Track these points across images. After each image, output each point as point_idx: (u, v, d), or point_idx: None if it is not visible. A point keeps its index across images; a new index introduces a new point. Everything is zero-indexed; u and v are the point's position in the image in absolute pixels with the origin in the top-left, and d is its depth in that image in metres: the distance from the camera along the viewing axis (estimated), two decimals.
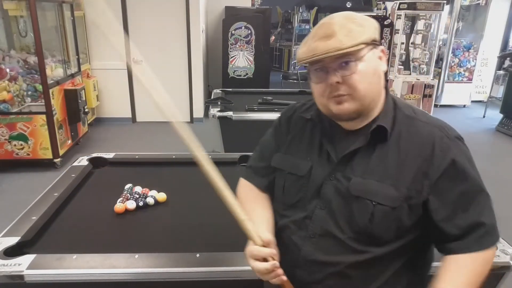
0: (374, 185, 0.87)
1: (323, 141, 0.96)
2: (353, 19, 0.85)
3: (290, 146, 1.02)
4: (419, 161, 0.86)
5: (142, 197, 1.71)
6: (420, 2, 5.84)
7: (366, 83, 0.86)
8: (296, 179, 0.97)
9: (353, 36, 0.82)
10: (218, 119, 3.31)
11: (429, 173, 0.85)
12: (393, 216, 0.86)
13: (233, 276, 1.24)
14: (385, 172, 0.87)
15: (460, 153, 0.87)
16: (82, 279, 1.22)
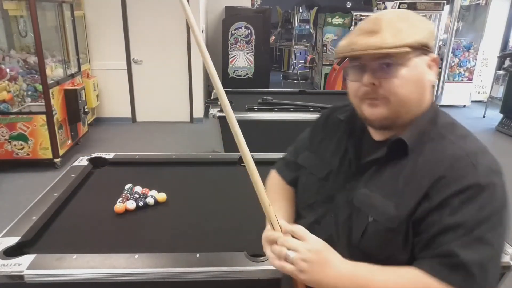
0: (378, 200, 0.81)
1: (349, 146, 0.91)
2: (406, 18, 0.78)
3: (319, 146, 1.00)
4: (429, 181, 0.75)
5: (142, 197, 1.71)
6: (420, 2, 5.85)
7: (405, 90, 0.78)
8: (315, 180, 0.95)
9: (401, 36, 0.75)
10: (218, 119, 3.32)
11: (433, 195, 0.75)
12: (388, 237, 0.79)
13: (233, 276, 1.24)
14: (392, 189, 0.80)
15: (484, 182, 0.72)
16: (82, 279, 1.22)
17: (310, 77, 9.06)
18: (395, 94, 0.78)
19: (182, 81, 5.77)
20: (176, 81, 5.76)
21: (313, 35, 9.57)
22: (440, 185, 0.74)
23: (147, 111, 5.86)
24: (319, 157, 0.97)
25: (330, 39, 7.72)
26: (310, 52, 9.31)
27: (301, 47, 10.01)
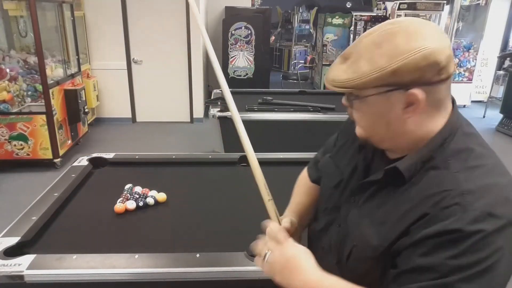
0: (365, 226, 0.77)
1: (361, 158, 0.85)
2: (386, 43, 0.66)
3: (338, 152, 0.95)
4: (413, 214, 0.68)
5: (142, 197, 1.71)
6: (420, 2, 5.85)
7: (367, 123, 0.75)
8: (328, 186, 0.92)
9: (360, 72, 0.68)
10: (218, 119, 3.32)
11: (412, 231, 0.68)
12: (367, 264, 0.76)
13: (233, 276, 1.25)
14: (380, 217, 0.74)
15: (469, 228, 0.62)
16: (82, 279, 1.22)
17: (310, 77, 9.06)
18: (359, 124, 0.77)
19: (182, 81, 5.77)
20: (176, 81, 5.76)
21: (313, 35, 9.57)
22: (422, 223, 0.67)
23: (147, 111, 5.86)
24: (335, 164, 0.93)
25: (330, 39, 7.73)
26: (310, 52, 9.32)
27: (301, 47, 10.01)
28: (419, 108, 0.68)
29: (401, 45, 0.65)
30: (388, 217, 0.72)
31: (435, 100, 0.69)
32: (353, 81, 0.68)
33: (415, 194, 0.70)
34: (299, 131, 3.44)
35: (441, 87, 0.69)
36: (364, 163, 0.84)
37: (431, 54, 0.64)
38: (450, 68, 0.67)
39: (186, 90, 5.82)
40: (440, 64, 0.65)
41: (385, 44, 0.66)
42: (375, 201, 0.77)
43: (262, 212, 0.91)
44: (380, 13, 6.75)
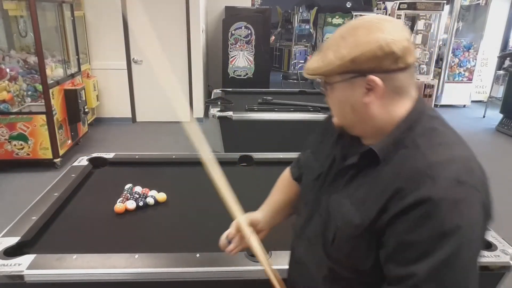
0: (346, 208, 0.81)
1: (337, 148, 0.92)
2: (349, 36, 0.76)
3: (318, 147, 1.01)
4: (390, 192, 0.73)
5: (142, 197, 1.71)
6: (420, 2, 5.85)
7: (337, 110, 0.85)
8: (310, 180, 0.97)
9: (326, 61, 0.77)
10: (218, 119, 3.32)
11: (390, 207, 0.73)
12: (352, 243, 0.80)
13: (233, 276, 1.24)
14: (359, 197, 0.80)
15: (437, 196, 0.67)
16: (82, 279, 1.22)
17: None
18: (333, 108, 0.85)
19: (182, 81, 5.77)
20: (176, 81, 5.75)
21: (313, 35, 9.57)
22: (397, 198, 0.72)
23: (147, 111, 5.86)
24: (316, 159, 0.99)
25: None
26: (310, 52, 9.31)
27: (301, 47, 10.00)
28: (378, 93, 0.76)
29: (361, 37, 0.74)
30: (367, 197, 0.78)
31: (395, 87, 0.77)
32: (321, 69, 0.79)
33: (389, 172, 0.76)
34: (299, 131, 3.43)
35: (400, 75, 0.76)
36: (341, 153, 0.89)
37: (387, 45, 0.72)
38: (408, 59, 0.75)
39: (186, 90, 5.82)
40: (396, 54, 0.73)
41: (348, 37, 0.76)
42: (354, 183, 0.82)
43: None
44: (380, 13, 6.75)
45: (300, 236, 0.97)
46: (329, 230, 0.85)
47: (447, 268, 0.67)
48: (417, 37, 6.39)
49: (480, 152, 4.41)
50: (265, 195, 1.22)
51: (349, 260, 0.81)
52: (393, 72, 0.75)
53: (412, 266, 0.69)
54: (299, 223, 0.99)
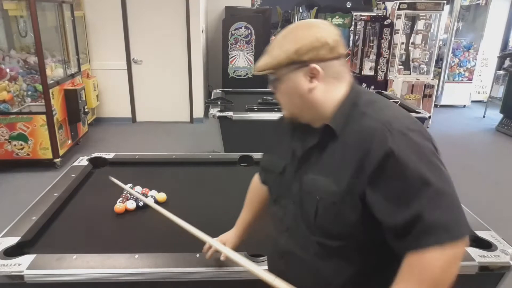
0: (320, 181, 0.91)
1: (294, 139, 1.02)
2: (290, 35, 0.91)
3: (275, 146, 1.11)
4: (358, 155, 0.84)
5: None
6: (420, 2, 5.84)
7: (286, 100, 0.96)
8: (275, 177, 1.05)
9: (274, 56, 0.91)
10: (218, 119, 3.32)
11: (365, 166, 0.82)
12: (334, 210, 0.88)
13: (233, 276, 1.25)
14: (330, 168, 0.90)
15: (401, 145, 0.80)
16: (82, 279, 1.22)
17: None
18: (282, 104, 0.97)
19: (182, 81, 5.77)
20: (176, 81, 5.76)
21: None
22: (368, 157, 0.82)
23: (147, 111, 5.86)
24: (276, 156, 1.07)
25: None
26: None
27: None
28: (320, 79, 0.90)
29: (300, 33, 0.90)
30: (337, 165, 0.88)
31: (333, 72, 0.91)
32: (270, 64, 0.91)
33: (350, 140, 0.87)
34: None
35: (335, 63, 0.91)
36: (299, 142, 0.99)
37: (322, 37, 0.88)
38: (340, 49, 0.91)
39: (186, 90, 5.82)
40: (330, 45, 0.88)
41: (289, 35, 0.91)
42: (320, 161, 0.92)
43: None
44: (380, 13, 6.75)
45: (281, 230, 1.02)
46: (309, 207, 0.92)
47: (438, 195, 0.78)
48: (417, 37, 6.38)
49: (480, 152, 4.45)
50: None
51: (335, 227, 0.89)
52: (329, 60, 0.90)
53: (412, 207, 0.78)
54: (276, 215, 1.05)
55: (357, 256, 0.90)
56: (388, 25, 5.73)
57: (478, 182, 4.05)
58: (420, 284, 0.77)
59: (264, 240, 1.13)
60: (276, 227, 1.05)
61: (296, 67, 0.89)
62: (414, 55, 6.36)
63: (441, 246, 0.76)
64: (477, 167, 4.42)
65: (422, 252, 0.77)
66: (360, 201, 0.84)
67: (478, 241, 1.41)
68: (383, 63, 5.87)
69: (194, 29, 5.54)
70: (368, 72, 6.08)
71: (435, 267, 0.77)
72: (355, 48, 6.43)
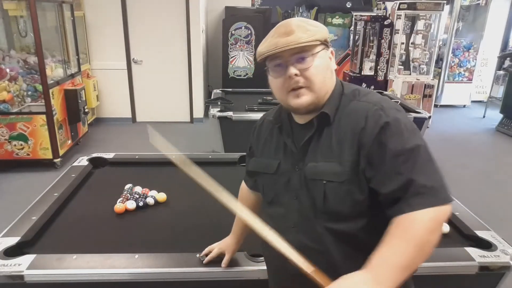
0: (323, 166, 0.95)
1: (284, 138, 1.04)
2: (308, 22, 0.97)
3: (263, 150, 1.11)
4: (356, 133, 0.91)
5: (142, 197, 1.71)
6: (420, 2, 5.84)
7: (321, 76, 0.95)
8: (269, 178, 1.07)
9: (310, 33, 0.93)
10: (218, 119, 3.32)
11: (364, 142, 0.90)
12: (343, 190, 0.92)
13: (233, 276, 1.25)
14: (330, 152, 0.94)
15: (391, 119, 0.89)
16: (82, 279, 1.22)
17: None
18: (313, 81, 0.94)
19: (182, 81, 5.77)
20: (176, 81, 5.76)
21: None
22: (365, 134, 0.90)
23: (147, 111, 5.86)
24: (266, 158, 1.09)
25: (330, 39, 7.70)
26: None
27: None
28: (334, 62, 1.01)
29: (317, 23, 0.99)
30: (336, 149, 0.93)
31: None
32: (307, 38, 0.92)
33: (345, 124, 0.94)
34: None
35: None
36: (290, 138, 1.02)
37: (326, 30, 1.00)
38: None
39: (186, 90, 5.82)
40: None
41: (310, 21, 0.97)
42: (319, 148, 0.97)
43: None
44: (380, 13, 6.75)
45: (285, 228, 1.01)
46: (316, 193, 0.95)
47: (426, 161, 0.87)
48: (417, 37, 6.38)
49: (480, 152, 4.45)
50: None
51: (344, 208, 0.93)
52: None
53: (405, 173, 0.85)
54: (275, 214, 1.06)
55: (366, 237, 0.93)
56: (388, 25, 5.72)
57: (478, 182, 4.05)
58: (406, 242, 0.80)
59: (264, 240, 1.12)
60: (278, 227, 1.03)
61: (323, 47, 0.96)
62: (414, 55, 6.36)
63: (428, 208, 0.82)
64: (477, 167, 4.42)
65: (409, 213, 0.82)
66: (364, 178, 0.90)
67: (478, 241, 1.41)
68: (383, 63, 5.87)
69: (194, 29, 5.54)
70: (368, 72, 6.08)
71: (420, 227, 0.81)
72: (355, 48, 6.42)
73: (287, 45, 0.91)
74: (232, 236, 1.30)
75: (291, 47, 0.91)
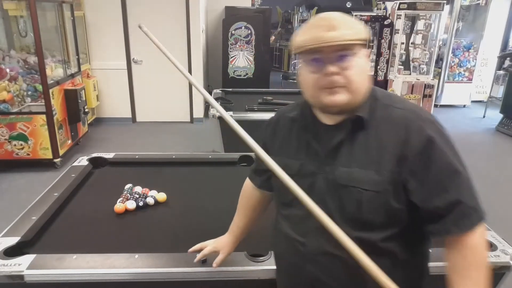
0: (358, 173, 0.91)
1: (308, 138, 1.00)
2: (350, 18, 0.92)
3: (281, 148, 1.06)
4: (397, 144, 0.89)
5: (142, 197, 1.71)
6: (420, 2, 5.84)
7: (359, 77, 0.90)
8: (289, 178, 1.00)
9: (355, 31, 0.88)
10: (218, 119, 3.31)
11: (407, 155, 0.88)
12: (379, 200, 0.89)
13: (233, 276, 1.25)
14: (367, 159, 0.91)
15: (435, 133, 0.88)
16: (82, 279, 1.22)
17: None
18: (353, 81, 0.89)
19: (182, 81, 5.77)
20: (176, 81, 5.75)
21: None
22: (408, 146, 0.88)
23: (147, 111, 5.86)
24: (285, 157, 1.02)
25: None
26: None
27: None
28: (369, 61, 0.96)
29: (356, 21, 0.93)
30: (374, 157, 0.90)
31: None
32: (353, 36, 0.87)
33: (382, 131, 0.91)
34: None
35: None
36: (316, 139, 0.98)
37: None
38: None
39: (186, 90, 5.82)
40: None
41: (349, 19, 0.91)
42: (352, 153, 0.92)
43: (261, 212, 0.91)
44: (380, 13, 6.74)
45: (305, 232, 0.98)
46: (348, 201, 0.92)
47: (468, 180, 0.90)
48: (417, 37, 6.38)
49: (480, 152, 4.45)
50: None
51: (378, 218, 0.90)
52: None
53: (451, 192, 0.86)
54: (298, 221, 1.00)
55: (395, 250, 0.93)
56: (388, 25, 5.72)
57: (478, 182, 4.02)
58: (480, 269, 0.86)
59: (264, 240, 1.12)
60: (296, 230, 1.01)
61: (365, 46, 0.92)
62: (414, 55, 6.36)
63: (477, 227, 0.86)
64: (477, 167, 4.42)
65: (465, 235, 0.86)
66: (403, 189, 0.89)
67: None
68: (383, 63, 5.87)
69: (194, 29, 5.54)
70: None
71: (481, 247, 0.87)
72: None
73: (331, 41, 0.85)
74: (229, 236, 1.25)
75: (336, 43, 0.86)
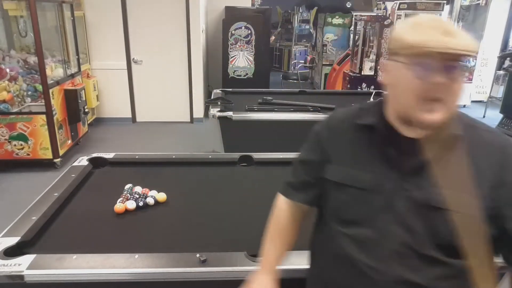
0: (455, 195, 0.84)
1: (387, 150, 0.89)
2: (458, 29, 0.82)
3: (346, 157, 0.95)
4: (493, 169, 0.85)
5: (142, 197, 1.71)
6: (420, 2, 5.85)
7: (460, 93, 0.82)
8: (357, 193, 0.91)
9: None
10: (218, 119, 3.31)
11: (505, 180, 0.85)
12: (475, 225, 0.83)
13: (233, 276, 1.24)
14: (462, 182, 0.84)
15: None
16: (82, 279, 1.22)
17: (310, 77, 9.06)
18: (456, 97, 0.82)
19: (182, 81, 5.77)
20: (176, 81, 5.76)
21: (313, 35, 9.57)
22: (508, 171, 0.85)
23: (147, 111, 5.86)
24: (352, 168, 0.92)
25: (330, 39, 7.72)
26: (310, 52, 9.31)
27: (301, 47, 10.00)
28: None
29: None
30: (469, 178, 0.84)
31: None
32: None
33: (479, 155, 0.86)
34: (299, 131, 3.43)
35: None
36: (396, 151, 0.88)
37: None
38: None
39: (186, 90, 5.81)
40: None
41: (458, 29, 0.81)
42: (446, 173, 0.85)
43: (261, 212, 0.91)
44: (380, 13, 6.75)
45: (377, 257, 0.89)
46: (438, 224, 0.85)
47: None
48: None
49: None
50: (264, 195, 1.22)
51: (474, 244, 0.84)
52: None
53: None
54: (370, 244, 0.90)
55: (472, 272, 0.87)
56: (388, 25, 5.72)
57: None
58: None
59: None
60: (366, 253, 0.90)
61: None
62: None
63: None
64: None
65: None
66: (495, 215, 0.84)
67: None
68: None
69: (194, 29, 5.54)
70: (368, 72, 6.08)
71: None
72: (355, 48, 6.42)
73: (457, 48, 0.76)
74: (267, 275, 1.08)
75: (461, 52, 0.76)
